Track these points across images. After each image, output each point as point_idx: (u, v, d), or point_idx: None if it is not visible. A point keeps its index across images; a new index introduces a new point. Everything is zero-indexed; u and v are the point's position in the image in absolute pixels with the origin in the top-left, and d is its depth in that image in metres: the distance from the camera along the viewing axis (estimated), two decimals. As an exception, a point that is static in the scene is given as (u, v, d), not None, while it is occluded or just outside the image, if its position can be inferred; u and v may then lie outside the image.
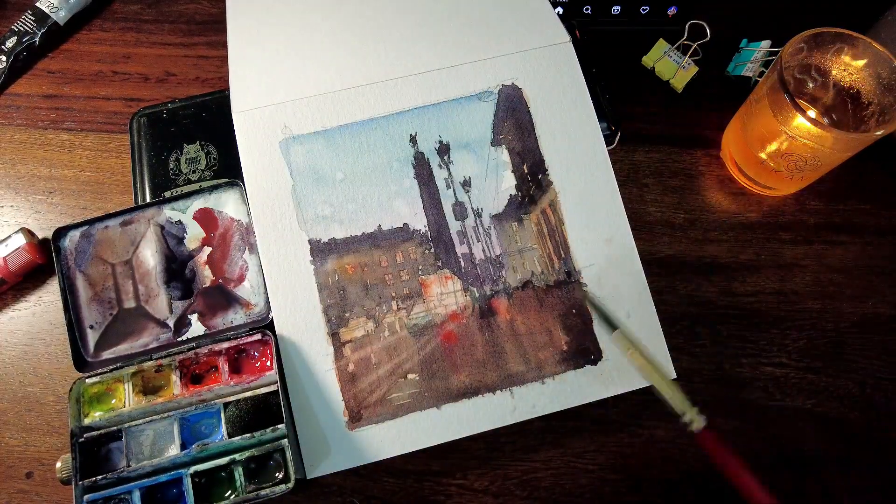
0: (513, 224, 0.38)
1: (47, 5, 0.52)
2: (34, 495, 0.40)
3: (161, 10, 0.54)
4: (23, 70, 0.52)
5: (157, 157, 0.44)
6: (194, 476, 0.34)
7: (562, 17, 0.41)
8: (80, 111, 0.50)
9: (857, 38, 0.40)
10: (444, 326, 0.37)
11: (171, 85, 0.51)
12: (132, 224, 0.39)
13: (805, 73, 0.43)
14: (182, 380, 0.36)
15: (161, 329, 0.38)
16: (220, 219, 0.40)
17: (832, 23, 0.40)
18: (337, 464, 0.35)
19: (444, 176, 0.38)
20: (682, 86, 0.49)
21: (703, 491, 0.39)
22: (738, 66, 0.49)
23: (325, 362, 0.36)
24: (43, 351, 0.43)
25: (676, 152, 0.48)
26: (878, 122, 0.40)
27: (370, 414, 0.36)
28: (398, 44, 0.40)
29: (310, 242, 0.37)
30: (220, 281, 0.39)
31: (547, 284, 0.37)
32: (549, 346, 0.37)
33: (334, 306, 0.37)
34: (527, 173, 0.39)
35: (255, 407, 0.36)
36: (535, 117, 0.39)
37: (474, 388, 0.36)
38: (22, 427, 0.41)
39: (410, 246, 0.38)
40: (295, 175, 0.38)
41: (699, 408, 0.34)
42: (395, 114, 0.39)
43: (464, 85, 0.39)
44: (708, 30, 0.49)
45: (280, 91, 0.39)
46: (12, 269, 0.43)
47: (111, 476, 0.34)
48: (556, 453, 0.40)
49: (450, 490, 0.39)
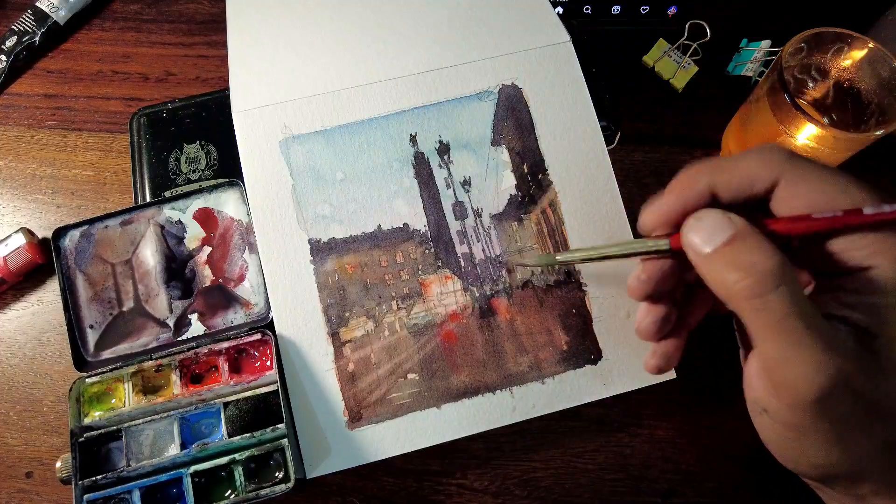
0: (513, 224, 0.38)
1: (47, 5, 0.52)
2: (34, 495, 0.40)
3: (161, 9, 0.54)
4: (23, 70, 0.52)
5: (157, 157, 0.44)
6: (194, 476, 0.34)
7: (562, 17, 0.41)
8: (80, 111, 0.50)
9: (857, 38, 0.40)
10: (443, 326, 0.37)
11: (171, 85, 0.51)
12: (132, 224, 0.39)
13: (805, 73, 0.43)
14: (182, 379, 0.36)
15: (161, 329, 0.38)
16: (220, 218, 0.40)
17: (832, 23, 0.40)
18: (337, 463, 0.35)
19: (444, 176, 0.38)
20: (682, 85, 0.49)
21: (703, 491, 0.39)
22: (738, 66, 0.49)
23: (324, 362, 0.36)
24: (43, 351, 0.43)
25: (676, 152, 0.48)
26: (878, 122, 0.39)
27: (370, 414, 0.36)
28: (398, 44, 0.40)
29: (310, 242, 0.37)
30: (220, 281, 0.39)
31: (547, 284, 0.37)
32: (548, 346, 0.37)
33: (334, 306, 0.37)
34: (527, 173, 0.39)
35: (255, 407, 0.36)
36: (535, 117, 0.39)
37: (474, 387, 0.36)
38: (22, 427, 0.41)
39: (410, 246, 0.38)
40: (295, 175, 0.38)
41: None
42: (395, 113, 0.39)
43: (464, 85, 0.39)
44: (708, 30, 0.49)
45: (280, 91, 0.39)
46: (12, 269, 0.43)
47: (111, 476, 0.34)
48: (556, 453, 0.40)
49: (450, 490, 0.39)
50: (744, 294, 0.24)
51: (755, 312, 0.24)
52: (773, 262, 0.23)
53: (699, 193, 0.27)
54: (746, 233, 0.24)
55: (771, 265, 0.23)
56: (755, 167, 0.26)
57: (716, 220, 0.25)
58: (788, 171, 0.25)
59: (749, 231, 0.24)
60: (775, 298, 0.23)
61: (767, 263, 0.23)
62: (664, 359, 0.31)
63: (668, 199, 0.28)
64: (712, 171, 0.27)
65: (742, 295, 0.24)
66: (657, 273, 0.29)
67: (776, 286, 0.23)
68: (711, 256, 0.25)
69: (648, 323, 0.30)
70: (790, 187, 0.25)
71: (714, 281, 0.25)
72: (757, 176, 0.26)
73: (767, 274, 0.23)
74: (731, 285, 0.24)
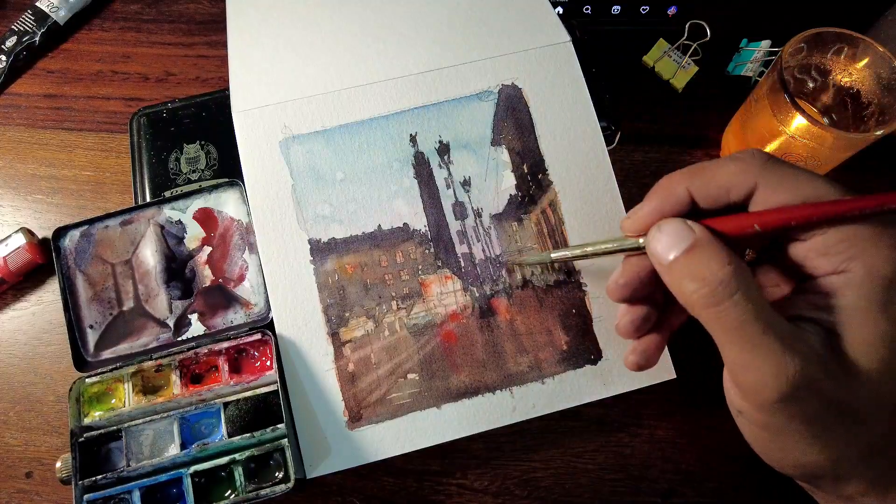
0: (513, 224, 0.38)
1: (47, 5, 0.52)
2: (34, 495, 0.40)
3: (161, 9, 0.54)
4: (23, 70, 0.52)
5: (157, 157, 0.44)
6: (194, 476, 0.34)
7: (562, 17, 0.41)
8: (80, 111, 0.50)
9: (857, 38, 0.40)
10: (443, 326, 0.37)
11: (170, 85, 0.51)
12: (132, 224, 0.39)
13: (805, 73, 0.43)
14: (182, 379, 0.36)
15: (161, 329, 0.38)
16: (220, 219, 0.40)
17: (832, 23, 0.40)
18: (337, 463, 0.35)
19: (444, 176, 0.38)
20: (682, 85, 0.49)
21: (703, 491, 0.39)
22: (738, 66, 0.49)
23: (324, 362, 0.36)
24: (43, 351, 0.43)
25: (676, 152, 0.48)
26: (878, 122, 0.40)
27: (370, 414, 0.36)
28: (398, 44, 0.40)
29: (309, 242, 0.37)
30: (220, 281, 0.39)
31: (547, 284, 0.37)
32: (548, 346, 0.37)
33: (334, 306, 0.37)
34: (527, 173, 0.39)
35: (255, 407, 0.36)
36: (535, 117, 0.39)
37: (474, 387, 0.36)
38: (22, 427, 0.41)
39: (410, 246, 0.38)
40: (295, 175, 0.38)
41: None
42: (395, 113, 0.39)
43: (464, 85, 0.39)
44: (708, 30, 0.49)
45: (280, 91, 0.39)
46: (12, 269, 0.43)
47: (111, 476, 0.34)
48: (556, 453, 0.40)
49: (449, 490, 0.39)
50: (701, 303, 0.24)
51: (713, 320, 0.24)
52: (727, 270, 0.24)
53: (678, 200, 0.27)
54: (705, 242, 0.25)
55: (725, 274, 0.24)
56: (732, 174, 0.26)
57: (676, 229, 0.26)
58: (764, 176, 0.26)
59: (707, 240, 0.25)
60: (731, 306, 0.23)
61: (722, 272, 0.24)
62: (643, 356, 0.32)
63: (646, 205, 0.28)
64: (690, 178, 0.27)
65: (699, 304, 0.24)
66: (635, 278, 0.30)
67: (731, 294, 0.23)
68: (672, 266, 0.25)
69: (626, 322, 0.31)
70: (766, 192, 0.26)
71: (675, 289, 0.26)
72: (733, 183, 0.26)
73: (722, 282, 0.24)
74: (690, 294, 0.25)
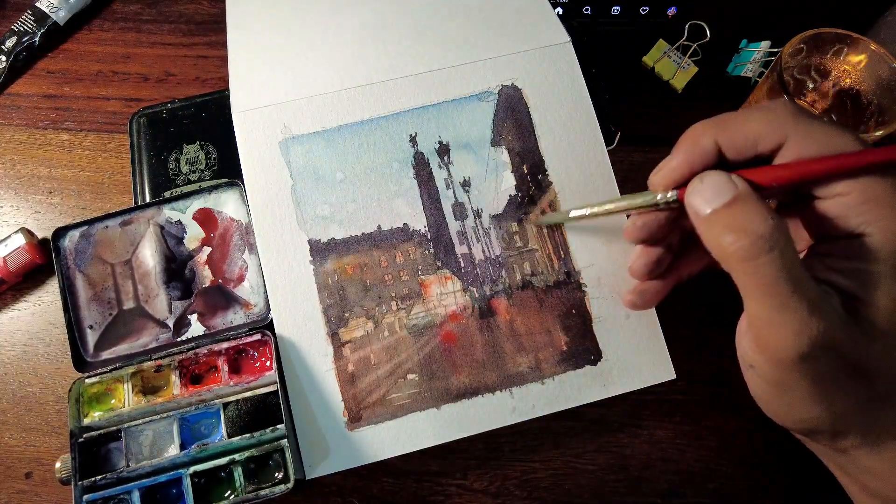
0: (512, 224, 0.38)
1: (47, 5, 0.52)
2: (33, 495, 0.40)
3: (161, 10, 0.54)
4: (22, 70, 0.52)
5: (157, 157, 0.44)
6: (194, 476, 0.34)
7: (562, 18, 0.41)
8: (79, 111, 0.50)
9: (857, 38, 0.40)
10: (443, 326, 0.37)
11: (170, 85, 0.51)
12: (132, 224, 0.39)
13: (805, 74, 0.43)
14: (182, 380, 0.36)
15: (161, 329, 0.38)
16: (220, 219, 0.40)
17: (832, 23, 0.40)
18: (336, 464, 0.35)
19: (444, 176, 0.38)
20: (681, 86, 0.49)
21: (703, 491, 0.39)
22: (737, 67, 0.49)
23: (324, 362, 0.36)
24: (42, 351, 0.43)
25: (676, 152, 0.48)
26: (878, 122, 0.39)
27: (370, 414, 0.36)
28: (398, 44, 0.40)
29: (309, 242, 0.37)
30: (220, 281, 0.39)
31: (547, 285, 0.37)
32: (548, 347, 0.37)
33: (334, 306, 0.37)
34: (526, 173, 0.39)
35: (255, 407, 0.36)
36: (534, 117, 0.39)
37: (474, 388, 0.36)
38: (21, 427, 0.41)
39: (410, 246, 0.38)
40: (295, 175, 0.38)
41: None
42: (395, 114, 0.39)
43: (463, 85, 0.39)
44: (708, 30, 0.49)
45: (280, 91, 0.39)
46: (12, 269, 0.43)
47: (111, 476, 0.34)
48: (556, 453, 0.40)
49: (449, 490, 0.39)
50: (737, 256, 0.24)
51: (746, 274, 0.24)
52: (767, 225, 0.24)
53: (704, 151, 0.27)
54: (746, 196, 0.25)
55: (765, 228, 0.24)
56: (761, 126, 0.26)
57: (718, 181, 0.25)
58: (794, 129, 0.25)
59: (749, 194, 0.25)
60: (767, 261, 0.23)
61: (763, 227, 0.24)
62: (641, 297, 0.32)
63: (674, 158, 0.28)
64: (717, 128, 0.26)
65: (736, 256, 0.24)
66: (653, 220, 0.30)
67: (769, 249, 0.23)
68: (710, 218, 0.25)
69: (640, 265, 0.31)
70: (795, 146, 0.25)
71: (711, 241, 0.25)
72: (762, 134, 0.26)
73: (762, 237, 0.23)
74: (727, 247, 0.24)
